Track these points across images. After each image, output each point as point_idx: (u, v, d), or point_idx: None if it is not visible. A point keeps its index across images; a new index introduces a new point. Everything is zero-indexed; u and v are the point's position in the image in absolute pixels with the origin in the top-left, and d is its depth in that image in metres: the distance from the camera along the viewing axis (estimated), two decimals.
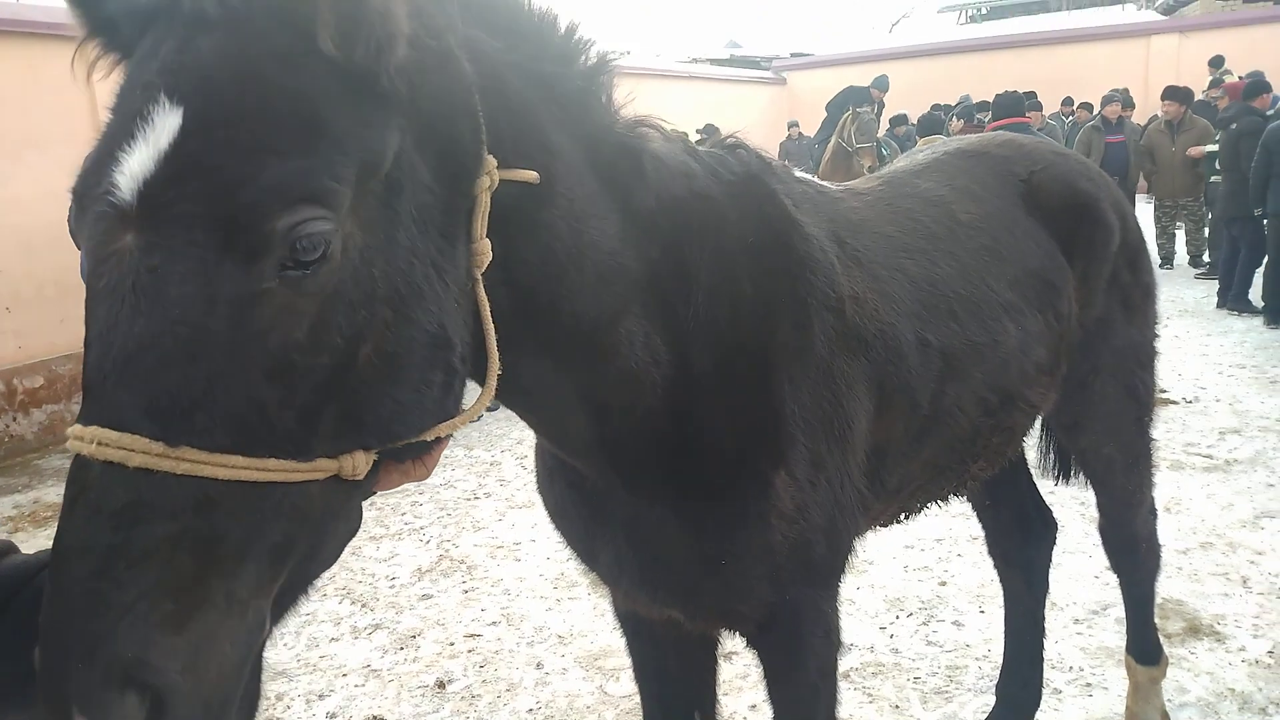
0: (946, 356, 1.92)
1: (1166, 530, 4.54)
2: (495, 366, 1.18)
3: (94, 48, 1.08)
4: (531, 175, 1.24)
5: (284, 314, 0.94)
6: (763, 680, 1.85)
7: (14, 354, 7.40)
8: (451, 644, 4.05)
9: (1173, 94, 11.75)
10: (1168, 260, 12.20)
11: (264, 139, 0.94)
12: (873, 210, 2.01)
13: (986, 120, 14.39)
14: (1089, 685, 3.39)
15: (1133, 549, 2.85)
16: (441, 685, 3.73)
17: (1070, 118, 13.34)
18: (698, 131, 13.90)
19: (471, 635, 4.10)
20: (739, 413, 1.59)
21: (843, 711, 3.30)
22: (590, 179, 1.37)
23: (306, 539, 1.01)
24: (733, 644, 2.03)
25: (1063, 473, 2.90)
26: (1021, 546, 2.99)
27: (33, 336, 7.56)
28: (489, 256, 1.16)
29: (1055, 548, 3.07)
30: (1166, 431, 6.03)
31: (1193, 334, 8.72)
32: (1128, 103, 13.40)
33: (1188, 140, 11.49)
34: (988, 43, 23.24)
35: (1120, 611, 3.64)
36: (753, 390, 1.60)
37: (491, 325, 1.17)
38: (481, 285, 1.16)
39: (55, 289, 7.39)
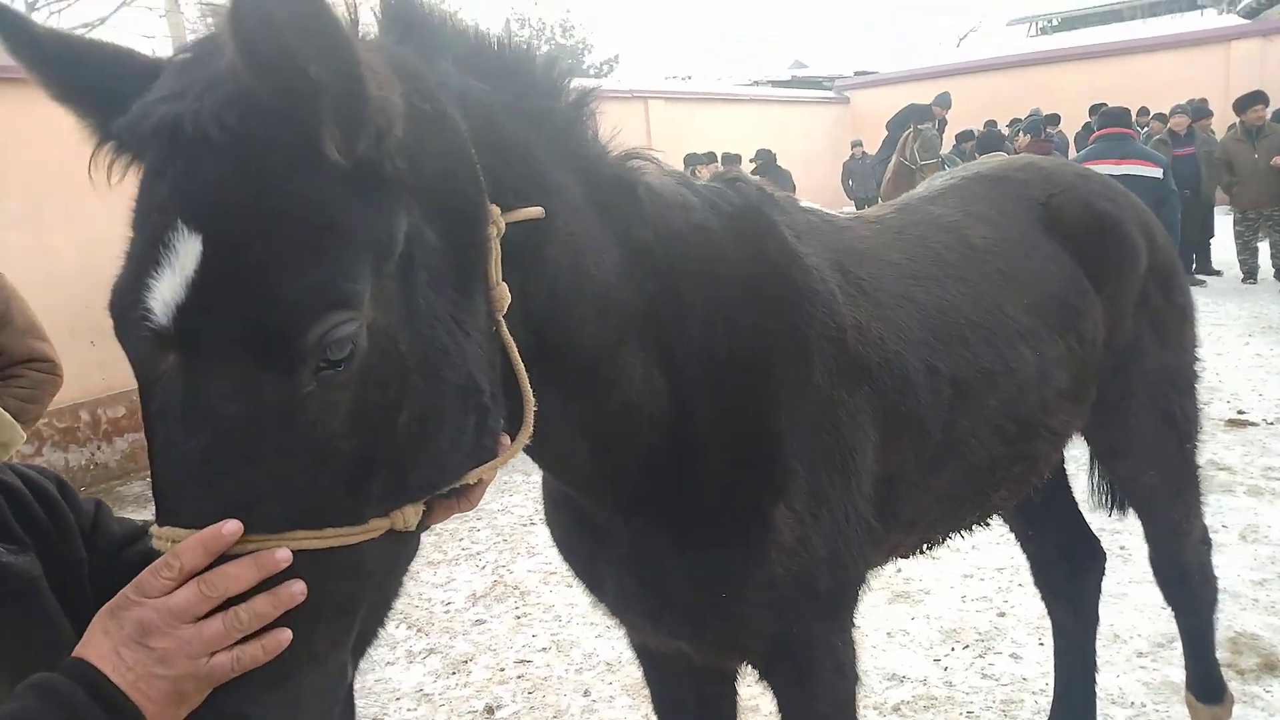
0: (958, 385, 1.89)
1: (1242, 559, 4.38)
2: (531, 403, 1.22)
3: (107, 153, 1.11)
4: (537, 212, 1.27)
5: (323, 409, 0.98)
6: (777, 714, 1.84)
7: (98, 385, 7.75)
8: (502, 670, 4.09)
9: (1252, 99, 11.34)
10: (1251, 275, 11.73)
11: (283, 255, 0.96)
12: (881, 238, 1.99)
13: (1055, 135, 14.11)
14: None
15: (1184, 580, 2.75)
16: (490, 711, 3.77)
17: (1144, 129, 12.92)
18: (750, 160, 13.94)
19: (522, 661, 4.14)
20: (737, 445, 1.59)
21: None
22: (588, 213, 1.39)
23: (371, 590, 1.07)
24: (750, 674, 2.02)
25: (1114, 503, 2.81)
26: (1068, 578, 2.91)
27: (115, 369, 7.89)
28: (509, 298, 1.19)
29: (1118, 578, 2.98)
30: (1245, 455, 5.79)
31: (1276, 351, 8.34)
32: (1202, 112, 12.97)
33: (1269, 147, 11.07)
34: (1058, 55, 22.72)
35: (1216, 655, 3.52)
36: (750, 423, 1.60)
37: (521, 364, 1.21)
38: (505, 327, 1.19)
39: None
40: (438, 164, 1.13)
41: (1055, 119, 15.73)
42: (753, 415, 1.61)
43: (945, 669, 3.75)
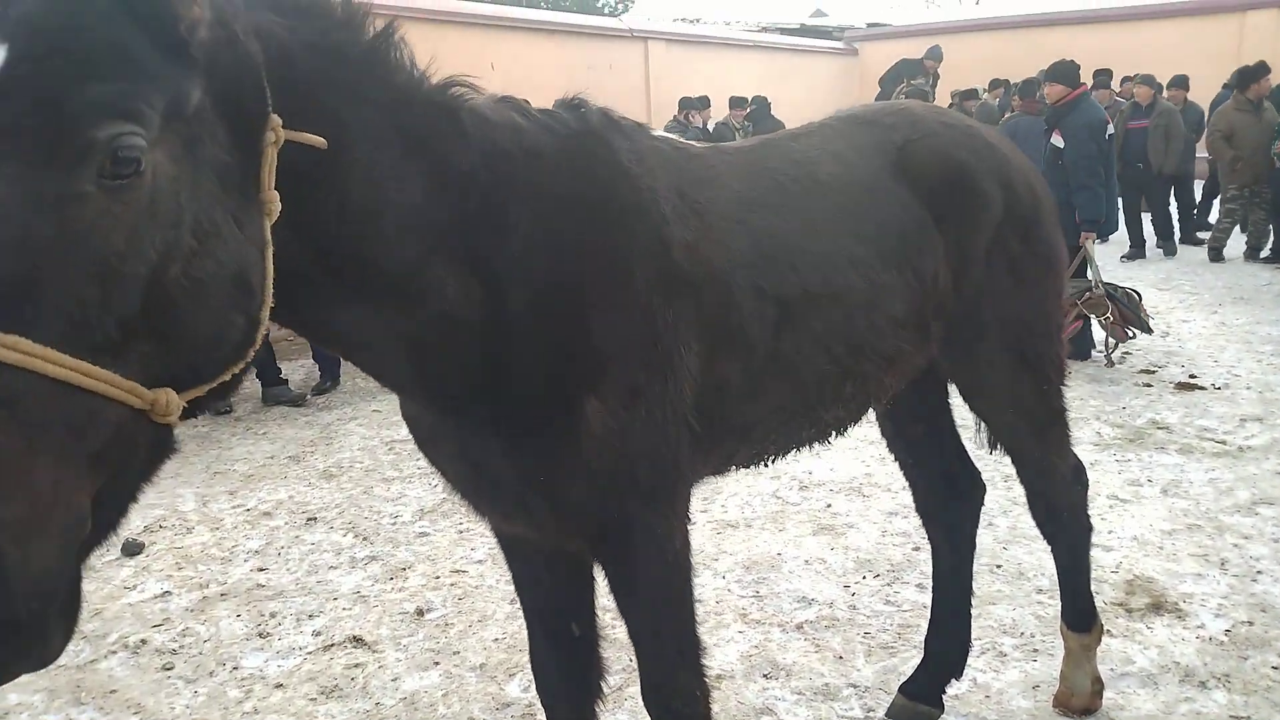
0: (783, 304, 2.03)
1: (1158, 511, 4.56)
2: (268, 302, 1.31)
3: None
4: (317, 140, 1.36)
5: (102, 219, 1.10)
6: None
7: None
8: (437, 578, 4.29)
9: (1259, 71, 11.20)
10: (1219, 255, 11.44)
11: (86, 68, 1.11)
12: (729, 168, 2.11)
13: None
14: (1036, 651, 3.45)
15: (1054, 517, 2.90)
16: (420, 613, 3.97)
17: (1130, 98, 12.78)
18: (750, 103, 13.86)
19: (457, 571, 4.33)
20: (552, 344, 1.73)
21: (788, 658, 3.45)
22: (392, 141, 1.49)
23: (121, 455, 1.15)
24: None
25: (991, 442, 2.95)
26: (945, 505, 3.05)
27: None
28: (278, 207, 1.30)
29: (1031, 520, 3.06)
30: (1185, 415, 5.94)
31: (1241, 320, 8.44)
32: (1178, 84, 12.87)
33: (1270, 121, 10.97)
34: (1068, 17, 22.38)
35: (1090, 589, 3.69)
36: (566, 325, 1.74)
37: (271, 266, 1.30)
38: (267, 229, 1.30)
39: None
40: (230, 75, 1.26)
41: (1105, 79, 15.48)
42: (569, 318, 1.74)
43: (853, 594, 3.94)
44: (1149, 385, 6.60)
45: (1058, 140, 7.25)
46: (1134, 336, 7.01)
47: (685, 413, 1.87)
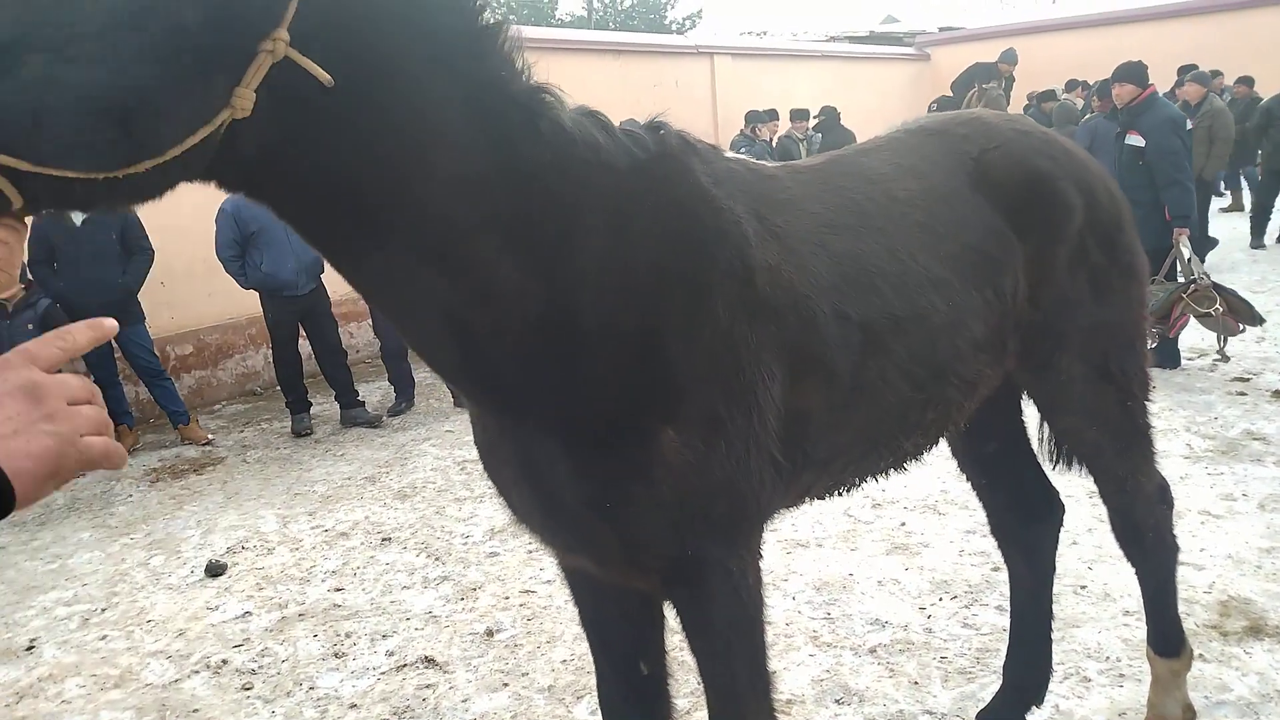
0: (867, 329, 1.96)
1: (1255, 527, 4.33)
2: (164, 157, 1.20)
3: None
4: (323, 75, 1.31)
5: None
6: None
7: (167, 324, 8.22)
8: (507, 598, 4.32)
9: None
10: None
11: None
12: (804, 188, 2.06)
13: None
14: (1122, 676, 3.30)
15: (1137, 538, 2.76)
16: (490, 634, 4.00)
17: (1225, 92, 12.31)
18: (815, 117, 13.72)
19: (526, 591, 4.36)
20: (628, 368, 1.69)
21: (862, 684, 3.37)
22: (456, 113, 1.49)
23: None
24: None
25: (1059, 459, 2.83)
26: (1023, 527, 2.95)
27: (183, 308, 8.38)
28: (247, 111, 1.24)
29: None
30: (1267, 421, 5.62)
31: None
32: (1244, 81, 12.37)
33: None
34: (1151, 12, 21.61)
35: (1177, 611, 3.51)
36: (643, 348, 1.70)
37: (199, 140, 1.21)
38: (220, 114, 1.23)
39: (203, 266, 8.13)
40: None
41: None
42: (646, 342, 1.70)
43: (929, 617, 3.83)
44: (1243, 394, 6.29)
45: (1135, 140, 7.03)
46: (1244, 330, 6.65)
47: (769, 445, 1.81)
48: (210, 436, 7.36)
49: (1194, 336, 7.71)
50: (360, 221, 1.46)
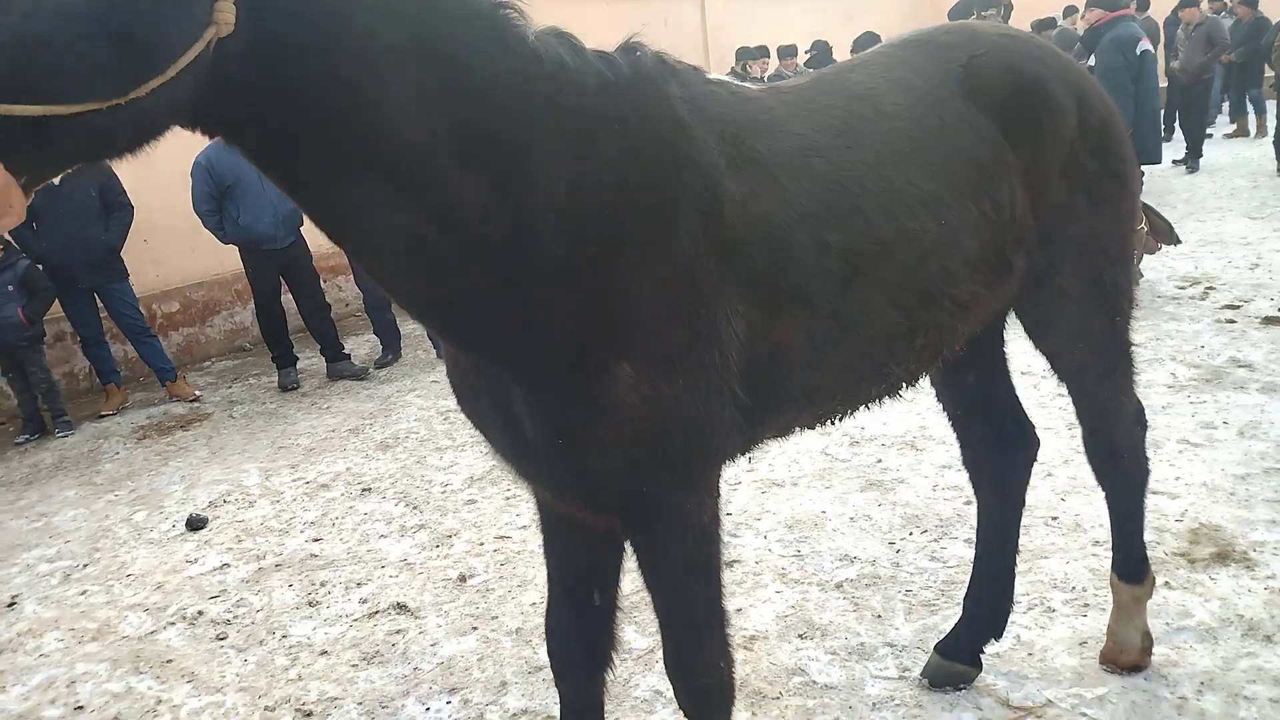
0: (849, 257, 1.90)
1: (1232, 455, 4.29)
2: (162, 78, 1.26)
3: None
4: None
5: None
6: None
7: (152, 281, 8.19)
8: (481, 544, 4.33)
9: None
10: None
11: None
12: (788, 109, 1.98)
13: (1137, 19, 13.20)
14: (1086, 605, 3.29)
15: (1114, 461, 2.72)
16: (463, 579, 4.02)
17: (1229, 14, 12.07)
18: (805, 52, 13.41)
19: (501, 537, 4.37)
20: (586, 297, 1.65)
21: (825, 618, 3.38)
22: (412, 26, 1.48)
23: None
24: None
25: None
26: (995, 456, 2.90)
27: (168, 265, 8.35)
28: (230, 25, 1.30)
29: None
30: (1270, 353, 5.55)
31: None
32: (1248, 2, 12.33)
33: None
34: None
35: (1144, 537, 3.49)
36: (602, 278, 1.66)
37: (190, 62, 1.27)
38: (207, 32, 1.28)
39: (186, 222, 8.01)
40: None
41: (1145, 3, 14.64)
42: (605, 272, 1.66)
43: (897, 551, 3.82)
44: (1232, 321, 6.19)
45: (1091, 60, 7.35)
46: (1161, 249, 6.76)
47: (730, 383, 1.78)
48: (198, 393, 7.37)
49: (1188, 265, 7.61)
50: (325, 143, 1.46)
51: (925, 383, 2.99)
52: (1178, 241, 6.76)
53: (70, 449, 6.49)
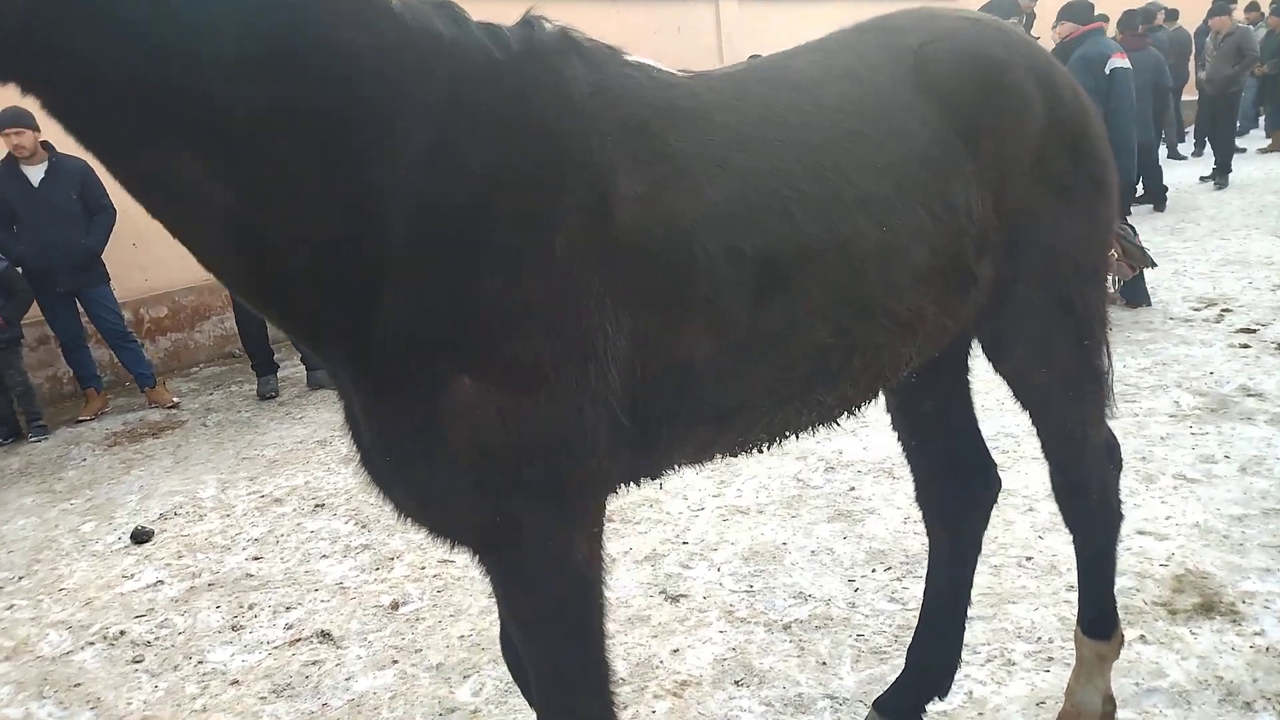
0: (769, 265, 1.68)
1: (1230, 493, 3.96)
2: None
3: None
4: None
5: None
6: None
7: (140, 286, 8.10)
8: (423, 568, 4.11)
9: None
10: None
11: None
12: (715, 97, 1.76)
13: (1162, 30, 12.81)
14: (1050, 659, 2.99)
15: (1080, 499, 2.42)
16: (395, 606, 3.80)
17: (1260, 25, 11.67)
18: None
19: (445, 561, 4.14)
20: (435, 298, 1.48)
21: (766, 663, 3.11)
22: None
23: None
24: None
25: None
26: (950, 499, 2.62)
27: (156, 270, 8.24)
28: None
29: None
30: (1266, 375, 5.19)
31: None
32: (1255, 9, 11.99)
33: None
34: None
35: (1124, 582, 3.19)
36: (454, 279, 1.48)
37: None
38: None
39: None
40: None
41: (1174, 13, 14.25)
42: (460, 271, 1.48)
43: (856, 590, 3.54)
44: (1246, 346, 5.83)
45: None
46: (1137, 272, 6.51)
47: (609, 403, 1.57)
48: (177, 400, 7.25)
49: (1205, 286, 7.24)
50: (125, 110, 1.32)
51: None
52: (1153, 264, 6.55)
53: (39, 454, 6.38)
